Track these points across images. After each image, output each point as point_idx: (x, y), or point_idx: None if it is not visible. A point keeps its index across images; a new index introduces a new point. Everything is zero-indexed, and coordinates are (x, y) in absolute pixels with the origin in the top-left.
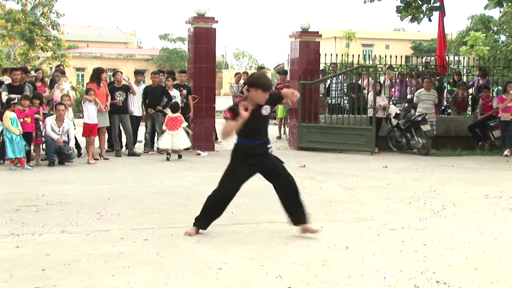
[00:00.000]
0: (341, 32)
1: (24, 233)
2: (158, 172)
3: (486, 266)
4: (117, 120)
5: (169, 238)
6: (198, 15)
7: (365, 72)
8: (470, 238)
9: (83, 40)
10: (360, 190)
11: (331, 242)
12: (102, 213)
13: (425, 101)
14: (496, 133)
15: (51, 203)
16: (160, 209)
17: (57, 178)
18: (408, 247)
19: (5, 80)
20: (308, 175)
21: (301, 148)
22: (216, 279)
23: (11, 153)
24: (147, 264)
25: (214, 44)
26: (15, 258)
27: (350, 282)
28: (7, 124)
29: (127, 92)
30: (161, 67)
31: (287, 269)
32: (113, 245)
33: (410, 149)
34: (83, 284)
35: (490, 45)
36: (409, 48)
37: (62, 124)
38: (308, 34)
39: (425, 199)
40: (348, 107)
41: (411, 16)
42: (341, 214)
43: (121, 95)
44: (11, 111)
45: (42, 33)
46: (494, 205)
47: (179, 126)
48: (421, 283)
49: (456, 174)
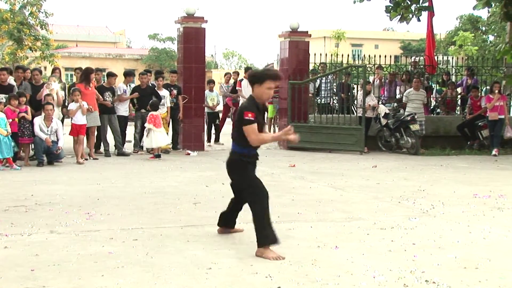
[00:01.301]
0: (331, 32)
1: (13, 233)
2: (148, 172)
3: (475, 265)
4: (106, 120)
5: (159, 238)
6: (188, 15)
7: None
8: (459, 237)
9: (72, 39)
10: (350, 189)
11: (321, 242)
12: (91, 213)
13: (414, 101)
14: (485, 132)
15: (40, 203)
16: (150, 209)
17: (46, 178)
18: (397, 247)
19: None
20: (297, 175)
21: (291, 148)
22: (206, 279)
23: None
24: (137, 264)
25: (203, 44)
26: (4, 259)
27: (339, 281)
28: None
29: (114, 92)
30: (151, 67)
31: (277, 269)
32: (102, 245)
33: (399, 148)
34: (73, 285)
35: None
36: (398, 48)
37: (51, 124)
38: (297, 34)
39: (414, 199)
40: (337, 107)
41: (400, 16)
42: (330, 214)
43: (109, 95)
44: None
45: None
46: (482, 204)
47: (161, 124)
48: (410, 282)
49: (445, 173)
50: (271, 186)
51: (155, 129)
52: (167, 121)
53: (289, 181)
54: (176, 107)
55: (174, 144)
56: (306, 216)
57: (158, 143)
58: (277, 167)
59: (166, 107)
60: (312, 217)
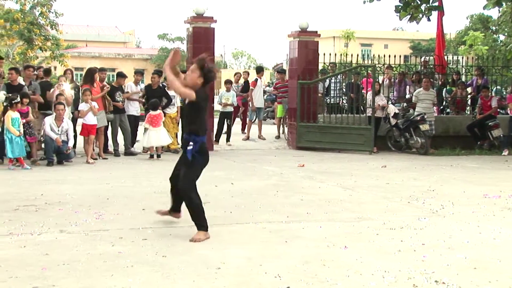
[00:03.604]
0: (340, 32)
1: (23, 233)
2: (157, 172)
3: (484, 265)
4: (117, 119)
5: (168, 237)
6: (197, 15)
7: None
8: (469, 238)
9: (82, 39)
10: (359, 189)
11: (330, 242)
12: (101, 213)
13: (424, 101)
14: (495, 132)
15: (50, 202)
16: (159, 208)
17: (56, 177)
18: (407, 247)
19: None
20: (307, 175)
21: (300, 148)
22: (215, 278)
23: (10, 153)
24: (146, 264)
25: (213, 43)
26: (14, 258)
27: (348, 281)
28: (7, 124)
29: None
30: (160, 67)
31: (286, 269)
32: (112, 245)
33: (409, 148)
34: (82, 284)
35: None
36: (408, 48)
37: (61, 124)
38: (307, 34)
39: (424, 199)
40: (346, 107)
41: (410, 15)
42: (339, 214)
43: (120, 95)
44: (14, 111)
45: (41, 32)
46: (492, 205)
47: (161, 123)
48: (420, 282)
49: (455, 173)
50: (280, 186)
51: (152, 128)
52: (177, 121)
53: (298, 181)
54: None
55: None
56: (315, 216)
57: (152, 142)
58: (286, 167)
59: (176, 107)
60: (321, 217)
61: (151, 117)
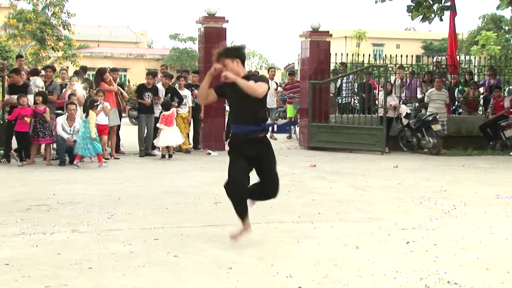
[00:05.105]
0: (352, 32)
1: (35, 232)
2: (168, 172)
3: (497, 266)
4: (144, 120)
5: (180, 237)
6: (209, 15)
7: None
8: (481, 238)
9: (94, 40)
10: (371, 190)
11: (342, 242)
12: (112, 213)
13: (436, 101)
14: (508, 132)
15: (62, 202)
16: (171, 208)
17: (68, 177)
18: (418, 247)
19: (36, 79)
20: (318, 175)
21: (312, 148)
22: (226, 278)
23: (82, 151)
24: (158, 264)
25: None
26: (26, 258)
27: (360, 282)
28: (91, 124)
29: (156, 93)
30: (172, 67)
31: (297, 269)
32: (123, 245)
33: (420, 148)
34: (94, 284)
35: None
36: (420, 48)
37: (73, 124)
38: (318, 34)
39: (436, 199)
40: (358, 107)
41: (422, 15)
42: (351, 214)
43: (149, 96)
44: (94, 112)
45: (53, 33)
46: (505, 205)
47: (174, 122)
48: (431, 283)
49: (467, 174)
50: (292, 186)
51: (166, 128)
52: (188, 121)
53: (309, 181)
54: (197, 107)
55: (195, 144)
56: (326, 216)
57: (166, 142)
58: (297, 167)
59: (188, 107)
60: (332, 217)
61: (165, 117)
